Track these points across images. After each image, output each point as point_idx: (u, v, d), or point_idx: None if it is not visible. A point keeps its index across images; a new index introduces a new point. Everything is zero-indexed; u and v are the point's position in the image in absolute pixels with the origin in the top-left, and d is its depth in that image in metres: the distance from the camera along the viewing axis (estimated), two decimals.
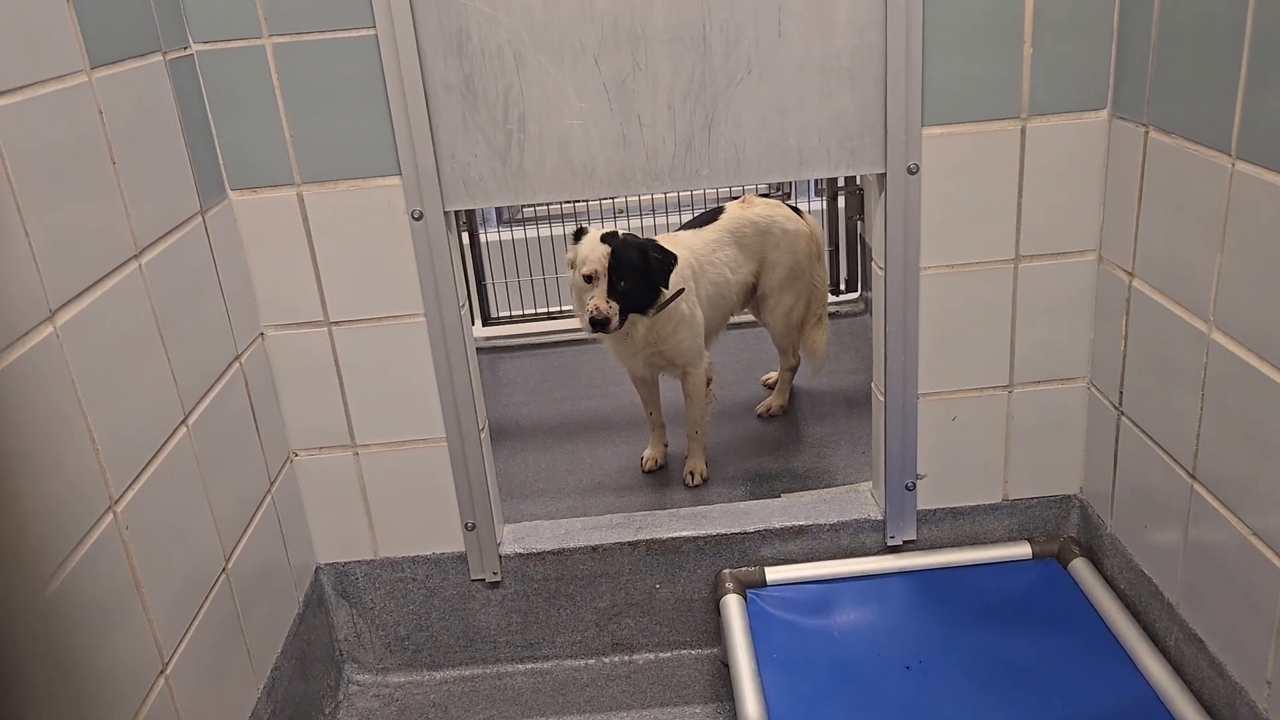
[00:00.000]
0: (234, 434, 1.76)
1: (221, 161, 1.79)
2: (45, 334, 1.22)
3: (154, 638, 1.41)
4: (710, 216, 2.84)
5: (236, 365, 1.78)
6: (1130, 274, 1.80)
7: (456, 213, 1.91)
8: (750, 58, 1.77)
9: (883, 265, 1.92)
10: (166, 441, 1.50)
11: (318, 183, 1.82)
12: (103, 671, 1.28)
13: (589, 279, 2.38)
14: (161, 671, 1.42)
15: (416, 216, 1.83)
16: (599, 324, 2.36)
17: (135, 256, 1.46)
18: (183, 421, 1.56)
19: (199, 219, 1.69)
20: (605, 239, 2.41)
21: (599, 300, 2.37)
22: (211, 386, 1.68)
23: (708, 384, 2.68)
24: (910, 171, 1.83)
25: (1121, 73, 1.77)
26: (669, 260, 2.44)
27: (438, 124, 1.78)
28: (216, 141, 1.78)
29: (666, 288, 2.45)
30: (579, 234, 2.48)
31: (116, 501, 1.34)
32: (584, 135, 1.79)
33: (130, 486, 1.38)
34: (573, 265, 2.47)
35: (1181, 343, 1.64)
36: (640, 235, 2.55)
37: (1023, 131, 1.83)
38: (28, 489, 1.16)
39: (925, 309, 1.93)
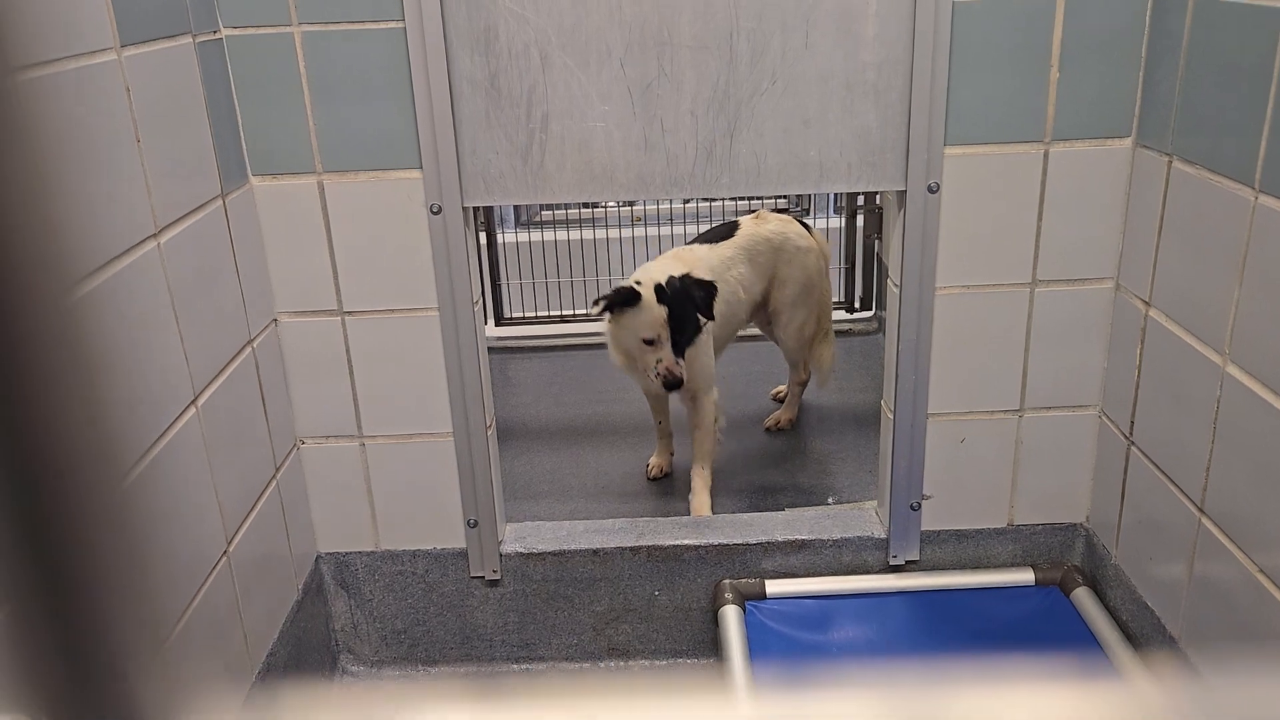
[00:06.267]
0: (242, 418, 1.76)
1: (245, 146, 1.80)
2: None
3: None
4: (726, 232, 2.81)
5: (249, 350, 1.79)
6: (1147, 303, 1.80)
7: (474, 210, 1.92)
8: (776, 68, 1.77)
9: (898, 283, 1.91)
10: (175, 422, 1.50)
11: (339, 172, 1.83)
12: None
13: (650, 342, 2.35)
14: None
15: (435, 211, 1.84)
16: (673, 385, 2.36)
17: (154, 235, 1.47)
18: (192, 402, 1.56)
19: (219, 202, 1.70)
20: (661, 298, 2.35)
21: (669, 364, 2.34)
22: (223, 369, 1.68)
23: (714, 420, 2.64)
24: (930, 190, 1.83)
25: (1148, 102, 1.76)
26: (712, 292, 2.43)
27: (461, 120, 1.78)
28: (241, 126, 1.79)
29: (713, 318, 2.45)
30: (628, 295, 2.37)
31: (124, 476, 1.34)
32: (605, 138, 1.80)
33: (136, 464, 1.38)
34: (611, 316, 2.43)
35: (1195, 375, 1.63)
36: (672, 269, 2.47)
37: (1045, 155, 1.82)
38: None
39: (939, 328, 1.93)
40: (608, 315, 2.44)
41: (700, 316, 2.41)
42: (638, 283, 2.40)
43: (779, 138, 1.80)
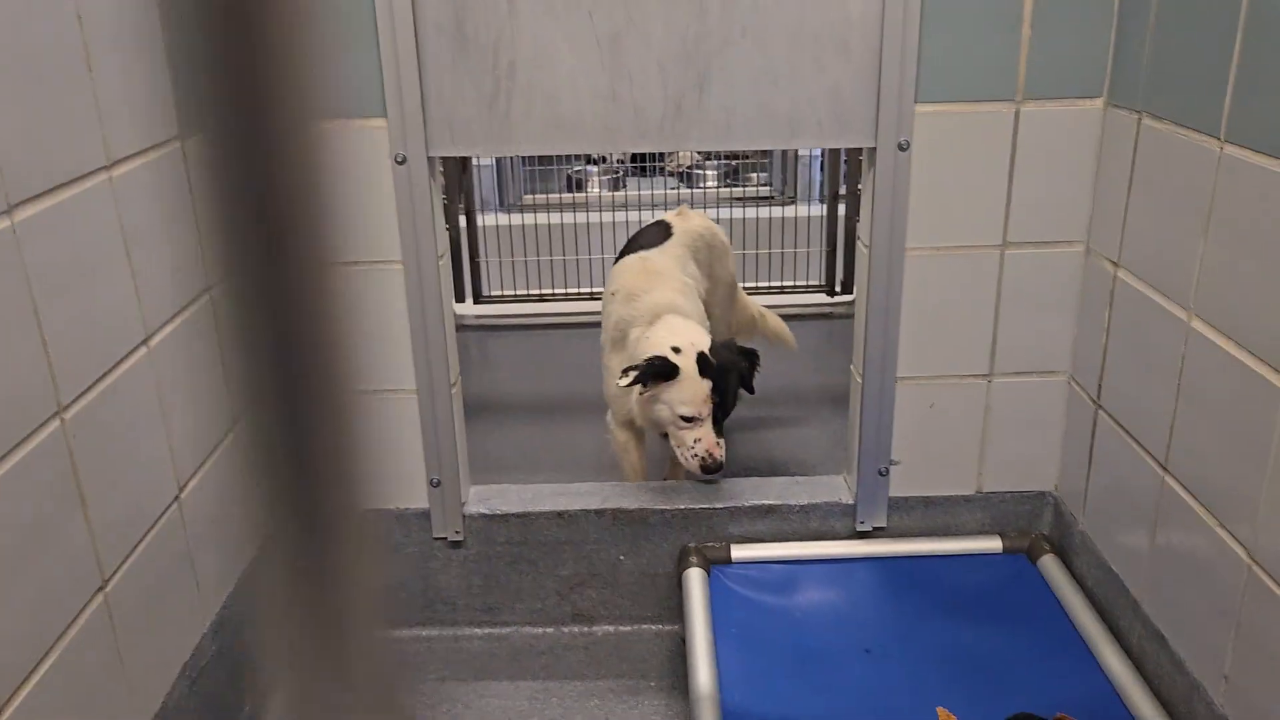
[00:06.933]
0: (198, 364, 1.73)
1: None
2: (1, 226, 1.20)
3: (95, 552, 1.38)
4: (662, 232, 2.61)
5: (207, 297, 1.76)
6: (1116, 264, 1.78)
7: (453, 192, 1.89)
8: (746, 21, 1.75)
9: (868, 243, 1.90)
10: (124, 359, 1.48)
11: None
12: (39, 589, 1.25)
13: (690, 419, 2.06)
14: (101, 588, 1.39)
15: (400, 160, 1.81)
16: (713, 470, 2.06)
17: (106, 168, 1.44)
18: (143, 342, 1.53)
19: (178, 144, 1.67)
20: (704, 370, 2.05)
21: (709, 445, 2.05)
22: (178, 313, 1.65)
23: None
24: (901, 148, 1.81)
25: (1119, 61, 1.75)
26: (756, 363, 2.22)
27: (426, 67, 1.76)
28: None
29: (753, 392, 2.24)
30: (664, 368, 2.04)
31: (65, 408, 1.32)
32: (573, 88, 1.78)
33: (82, 396, 1.36)
34: (643, 389, 2.08)
35: (1162, 332, 1.62)
36: (665, 296, 2.24)
37: (1016, 115, 1.81)
38: None
39: (909, 290, 1.91)
40: (639, 388, 2.07)
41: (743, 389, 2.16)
42: (675, 349, 2.06)
43: (748, 91, 1.79)
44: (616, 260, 2.59)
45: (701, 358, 2.06)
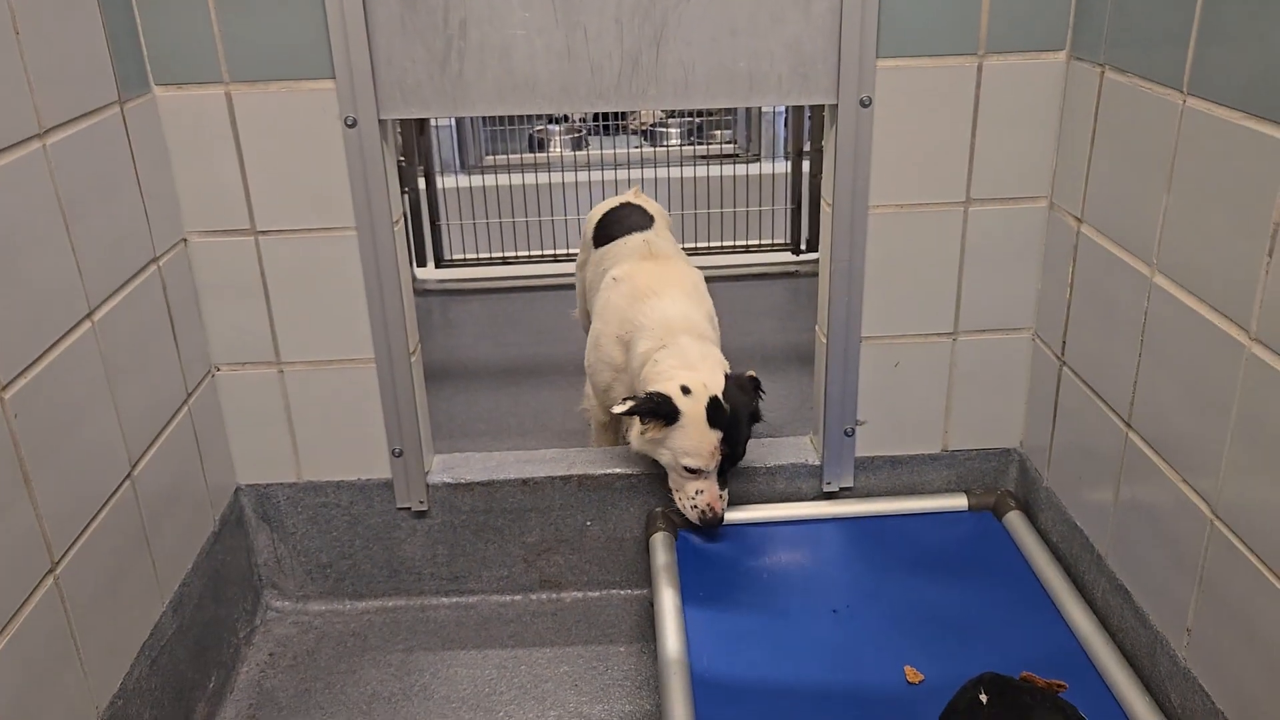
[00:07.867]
0: (148, 339, 1.68)
1: (146, 53, 1.71)
2: None
3: (43, 534, 1.34)
4: (643, 214, 2.55)
5: (154, 268, 1.71)
6: (1079, 220, 1.77)
7: (411, 154, 1.84)
8: None
9: (831, 202, 1.87)
10: (67, 334, 1.42)
11: (248, 82, 1.74)
12: None
13: (694, 471, 1.91)
14: (50, 570, 1.36)
15: (350, 123, 1.76)
16: (712, 524, 1.96)
17: (39, 136, 1.38)
18: (87, 316, 1.48)
19: (116, 109, 1.60)
20: (714, 419, 1.87)
21: (711, 499, 1.92)
22: (123, 286, 1.60)
23: None
24: (863, 104, 1.78)
25: (1082, 12, 1.73)
26: (760, 391, 2.03)
27: (374, 25, 1.70)
28: (141, 32, 1.69)
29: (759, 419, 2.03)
30: (665, 410, 1.87)
31: (4, 387, 1.27)
32: (527, 45, 1.73)
33: (22, 374, 1.31)
34: (641, 424, 1.93)
35: (1124, 288, 1.61)
36: (718, 366, 1.98)
37: (979, 69, 1.78)
38: None
39: (872, 249, 1.89)
40: (636, 420, 1.94)
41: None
42: (685, 389, 1.88)
43: (707, 47, 1.74)
44: (599, 245, 2.54)
45: (713, 404, 1.87)
